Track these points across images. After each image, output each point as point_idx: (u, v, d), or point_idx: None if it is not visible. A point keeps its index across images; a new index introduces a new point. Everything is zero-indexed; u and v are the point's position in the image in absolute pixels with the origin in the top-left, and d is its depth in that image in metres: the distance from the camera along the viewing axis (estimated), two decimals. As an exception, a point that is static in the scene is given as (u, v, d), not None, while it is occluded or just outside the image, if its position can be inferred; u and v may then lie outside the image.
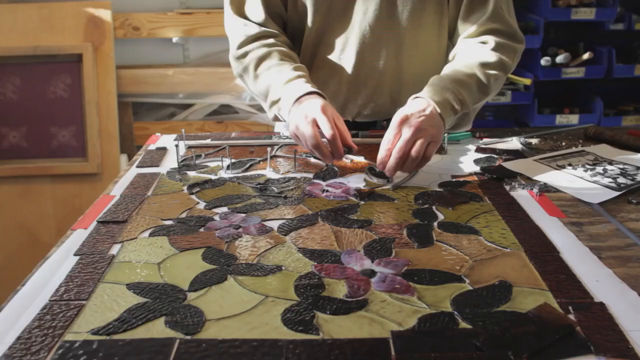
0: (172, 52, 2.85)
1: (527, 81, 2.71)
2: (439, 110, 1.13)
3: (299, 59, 1.37)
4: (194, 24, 2.66)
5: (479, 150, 1.36)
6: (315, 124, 1.11)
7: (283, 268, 0.82)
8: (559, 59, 2.75)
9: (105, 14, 2.62)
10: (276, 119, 1.28)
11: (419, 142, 1.08)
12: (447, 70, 1.25)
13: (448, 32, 1.36)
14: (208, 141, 1.42)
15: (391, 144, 1.09)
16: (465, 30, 1.31)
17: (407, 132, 1.08)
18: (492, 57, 1.26)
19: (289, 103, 1.18)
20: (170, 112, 2.84)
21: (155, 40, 2.79)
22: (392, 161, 1.08)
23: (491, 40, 1.27)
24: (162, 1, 2.76)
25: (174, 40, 2.72)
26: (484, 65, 1.24)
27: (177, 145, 1.29)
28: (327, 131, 1.09)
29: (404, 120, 1.09)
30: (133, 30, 2.67)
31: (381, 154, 1.10)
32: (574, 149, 1.37)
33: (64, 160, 2.68)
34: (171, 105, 2.82)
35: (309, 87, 1.19)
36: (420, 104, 1.13)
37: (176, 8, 2.75)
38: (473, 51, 1.28)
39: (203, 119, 2.78)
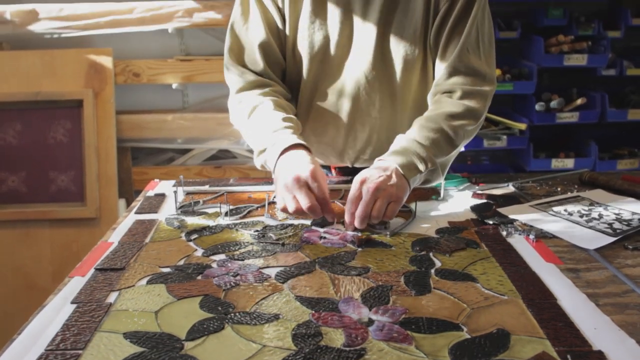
0: (171, 98, 2.89)
1: (522, 126, 2.75)
2: (402, 172, 1.16)
3: (294, 107, 1.40)
4: (194, 71, 2.71)
5: (475, 196, 1.37)
6: (307, 186, 1.13)
7: (281, 316, 0.82)
8: (553, 104, 2.79)
9: (107, 61, 2.67)
10: (263, 167, 1.29)
11: (378, 202, 1.11)
12: (414, 126, 1.27)
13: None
14: (206, 187, 1.43)
15: (354, 206, 1.13)
16: (438, 72, 1.33)
17: (366, 194, 1.12)
18: (459, 107, 1.27)
19: (275, 154, 1.20)
20: (169, 157, 2.86)
21: (155, 86, 2.84)
22: (357, 223, 1.12)
23: (458, 88, 1.29)
24: (162, 48, 2.82)
25: (174, 86, 2.77)
26: (451, 117, 1.26)
27: (175, 192, 1.30)
28: (320, 195, 1.13)
29: (363, 182, 1.14)
30: (133, 77, 2.71)
31: (346, 217, 1.14)
32: (569, 195, 1.38)
33: (62, 205, 2.68)
34: (170, 150, 2.84)
35: (295, 139, 1.21)
36: (382, 165, 1.18)
37: (176, 55, 2.80)
38: (440, 102, 1.29)
39: (201, 164, 2.80)
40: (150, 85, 2.82)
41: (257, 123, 1.28)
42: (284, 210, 1.15)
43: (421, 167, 1.20)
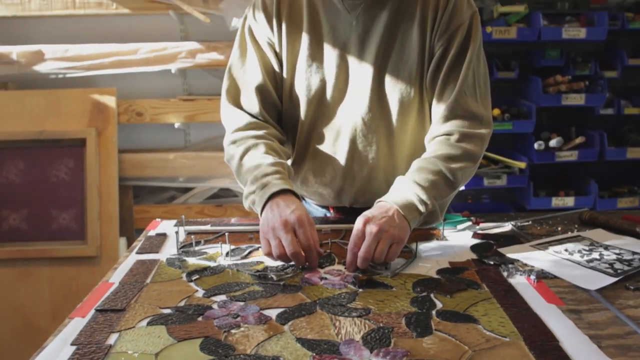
0: (173, 137, 2.92)
1: (522, 165, 2.77)
2: (402, 213, 1.17)
3: (290, 150, 1.42)
4: (196, 110, 2.74)
5: (475, 235, 1.37)
6: (293, 231, 1.13)
7: (281, 359, 0.81)
8: (552, 143, 2.82)
9: (110, 100, 2.71)
10: (251, 209, 1.30)
11: (381, 244, 1.12)
12: (413, 168, 1.28)
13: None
14: (208, 227, 1.43)
15: (356, 246, 1.14)
16: (435, 114, 1.35)
17: (369, 235, 1.13)
18: (457, 149, 1.28)
19: (263, 199, 1.21)
20: (170, 195, 2.87)
21: (158, 125, 2.87)
22: (358, 263, 1.13)
23: (456, 131, 1.30)
24: (165, 88, 2.86)
25: (176, 125, 2.80)
26: (450, 160, 1.27)
27: (177, 232, 1.30)
28: (305, 242, 1.13)
29: (367, 222, 1.14)
30: (136, 116, 2.75)
31: (348, 257, 1.15)
32: (569, 234, 1.38)
33: (63, 243, 2.68)
34: (171, 189, 2.86)
35: (284, 185, 1.22)
36: (383, 206, 1.19)
37: (179, 94, 2.84)
38: (439, 145, 1.30)
39: (203, 202, 2.81)
40: (153, 125, 2.85)
41: (248, 165, 1.30)
42: (268, 254, 1.15)
43: (421, 208, 1.21)
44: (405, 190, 1.22)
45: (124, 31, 2.82)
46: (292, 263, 1.17)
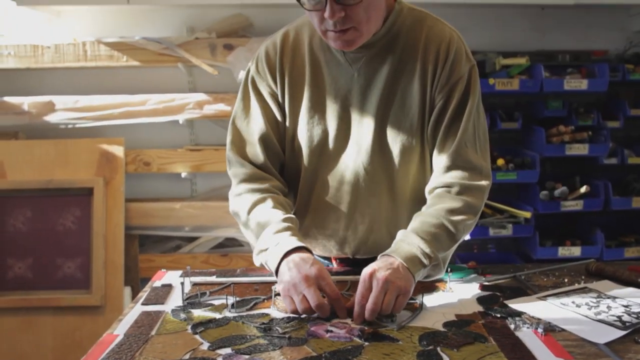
0: (180, 186, 2.94)
1: (527, 214, 2.77)
2: (406, 265, 1.18)
3: (293, 201, 1.43)
4: (203, 160, 2.78)
5: (482, 287, 1.36)
6: (316, 285, 1.15)
7: (287, 415, 0.81)
8: (557, 192, 2.82)
9: (118, 150, 2.74)
10: (262, 266, 1.31)
11: (388, 295, 1.13)
12: (415, 221, 1.29)
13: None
14: (213, 278, 1.43)
15: (364, 298, 1.14)
16: (436, 166, 1.36)
17: (376, 286, 1.14)
18: (459, 202, 1.30)
19: (278, 256, 1.22)
20: (176, 245, 2.88)
21: (165, 175, 2.90)
22: (367, 315, 1.14)
23: (456, 183, 1.31)
24: (173, 138, 2.90)
25: (183, 175, 2.82)
26: (451, 212, 1.28)
27: (182, 283, 1.30)
28: (332, 293, 1.16)
29: (372, 274, 1.16)
30: (144, 166, 2.78)
31: (355, 309, 1.15)
32: (576, 286, 1.37)
33: (67, 292, 2.68)
34: (177, 238, 2.86)
35: (298, 242, 1.24)
36: (387, 259, 1.20)
37: (186, 144, 2.88)
38: (440, 197, 1.32)
39: (208, 252, 2.81)
40: (160, 174, 2.88)
41: (258, 221, 1.31)
42: (294, 311, 1.17)
43: (425, 261, 1.21)
44: (409, 243, 1.23)
45: (134, 83, 2.89)
46: (296, 315, 1.17)
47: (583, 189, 2.84)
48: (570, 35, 3.05)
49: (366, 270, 1.17)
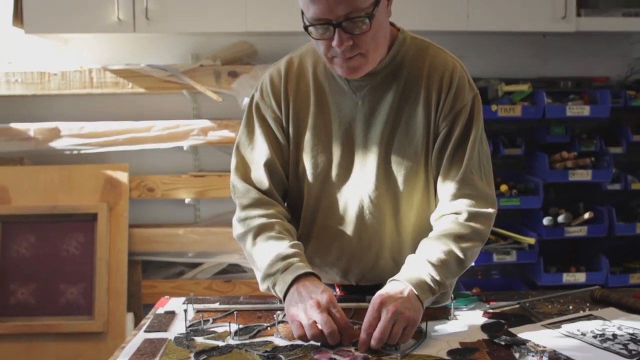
0: (183, 212, 2.95)
1: (531, 240, 2.76)
2: (416, 292, 1.18)
3: (297, 228, 1.43)
4: (206, 186, 2.79)
5: (486, 314, 1.36)
6: (327, 312, 1.15)
7: None
8: (561, 218, 2.81)
9: (123, 176, 2.76)
10: (268, 291, 1.30)
11: (396, 326, 1.13)
12: (423, 247, 1.29)
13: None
14: (216, 305, 1.43)
15: (371, 327, 1.14)
16: (441, 193, 1.37)
17: (385, 317, 1.13)
18: (466, 229, 1.30)
19: (286, 282, 1.22)
20: (179, 271, 2.88)
21: (168, 201, 2.91)
22: (373, 344, 1.13)
23: (464, 210, 1.32)
24: (177, 164, 2.92)
25: (187, 201, 2.83)
26: (460, 239, 1.29)
27: (185, 310, 1.30)
28: (342, 320, 1.16)
29: (383, 303, 1.15)
30: (148, 191, 2.79)
31: (361, 337, 1.14)
32: (581, 313, 1.36)
33: (69, 318, 2.67)
34: (180, 264, 2.86)
35: (306, 268, 1.24)
36: (398, 286, 1.19)
37: (190, 171, 2.90)
38: (448, 224, 1.32)
39: (211, 278, 2.81)
40: (164, 200, 2.89)
41: (265, 246, 1.31)
42: (301, 337, 1.16)
43: (435, 288, 1.21)
44: (418, 269, 1.23)
45: (139, 109, 2.92)
46: (300, 342, 1.16)
47: (586, 215, 2.83)
48: (571, 62, 3.07)
49: (376, 298, 1.17)
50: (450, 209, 1.33)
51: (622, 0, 2.86)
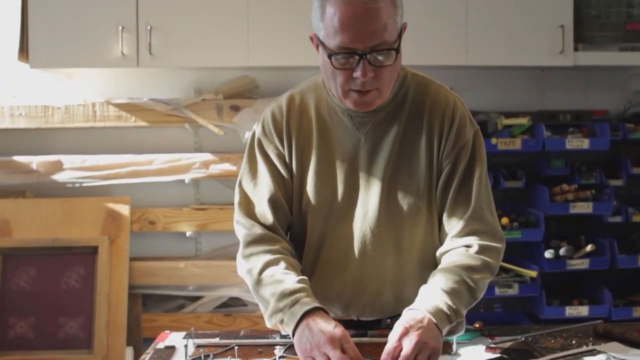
0: (184, 245, 2.95)
1: (533, 273, 2.75)
2: (435, 321, 1.17)
3: (300, 262, 1.42)
4: (208, 219, 2.79)
5: (488, 349, 1.35)
6: (341, 347, 1.14)
7: None
8: (562, 251, 2.80)
9: (124, 209, 2.77)
10: (275, 327, 1.30)
11: (420, 356, 1.12)
12: (436, 277, 1.29)
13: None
14: (217, 340, 1.42)
15: (392, 357, 1.13)
16: (450, 229, 1.37)
17: (408, 346, 1.12)
18: (477, 260, 1.30)
19: (296, 317, 1.21)
20: (179, 304, 2.86)
21: (170, 234, 2.91)
22: None
23: (475, 243, 1.32)
24: (178, 197, 2.93)
25: (188, 234, 2.83)
26: (471, 270, 1.29)
27: (186, 345, 1.29)
28: (355, 356, 1.14)
29: (405, 333, 1.14)
30: (149, 224, 2.80)
31: None
32: (584, 348, 1.35)
33: (68, 352, 2.65)
34: (181, 297, 2.84)
35: (314, 303, 1.23)
36: (416, 315, 1.18)
37: (191, 204, 2.91)
38: (459, 256, 1.32)
39: (212, 312, 2.79)
40: (165, 233, 2.89)
41: (271, 282, 1.30)
42: None
43: (452, 316, 1.20)
44: (434, 298, 1.22)
45: (141, 142, 2.94)
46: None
47: (588, 248, 2.83)
48: (570, 95, 3.11)
49: (397, 328, 1.15)
50: (460, 243, 1.34)
51: (619, 35, 2.90)
